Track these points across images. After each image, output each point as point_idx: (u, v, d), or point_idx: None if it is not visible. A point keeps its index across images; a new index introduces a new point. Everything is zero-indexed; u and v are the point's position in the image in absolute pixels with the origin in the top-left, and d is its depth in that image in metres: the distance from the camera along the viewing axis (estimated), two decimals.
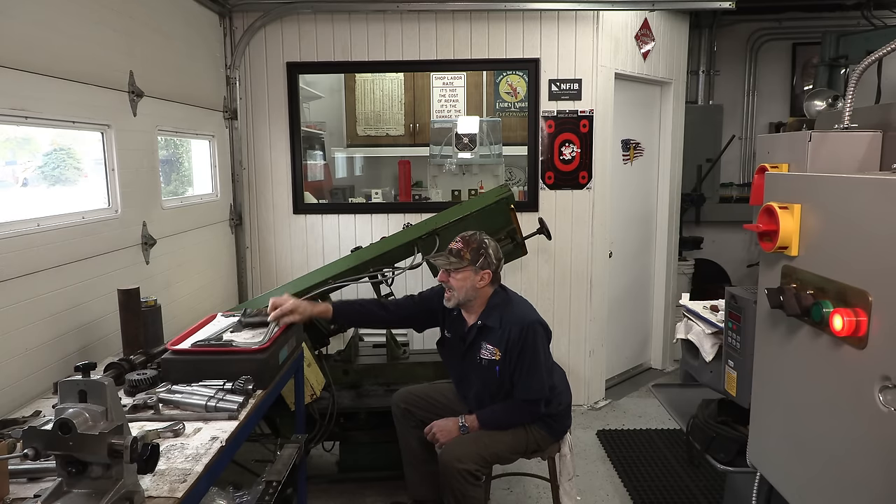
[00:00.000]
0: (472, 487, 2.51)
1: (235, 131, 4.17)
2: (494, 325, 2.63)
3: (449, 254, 2.62)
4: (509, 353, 2.59)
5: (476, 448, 2.56)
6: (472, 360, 2.69)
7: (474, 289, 2.62)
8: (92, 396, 1.38)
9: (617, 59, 4.31)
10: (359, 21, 4.13)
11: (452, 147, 4.91)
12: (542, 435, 2.69)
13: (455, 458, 2.51)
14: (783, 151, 2.00)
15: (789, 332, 1.69)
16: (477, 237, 2.65)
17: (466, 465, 2.49)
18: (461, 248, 2.61)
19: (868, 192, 1.41)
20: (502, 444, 2.62)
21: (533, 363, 2.58)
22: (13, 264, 2.14)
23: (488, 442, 2.60)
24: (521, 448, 2.67)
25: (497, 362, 2.61)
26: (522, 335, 2.57)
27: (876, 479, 1.38)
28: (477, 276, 2.60)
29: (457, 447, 2.56)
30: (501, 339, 2.61)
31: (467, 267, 2.59)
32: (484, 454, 2.56)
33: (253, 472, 3.06)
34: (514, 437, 2.64)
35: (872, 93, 4.98)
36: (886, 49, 1.75)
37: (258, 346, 2.24)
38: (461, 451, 2.54)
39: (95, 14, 2.65)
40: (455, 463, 2.49)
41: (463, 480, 2.48)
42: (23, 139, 2.51)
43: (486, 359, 2.64)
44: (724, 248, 6.15)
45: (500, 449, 2.62)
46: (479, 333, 2.66)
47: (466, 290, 2.61)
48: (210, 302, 3.81)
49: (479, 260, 2.59)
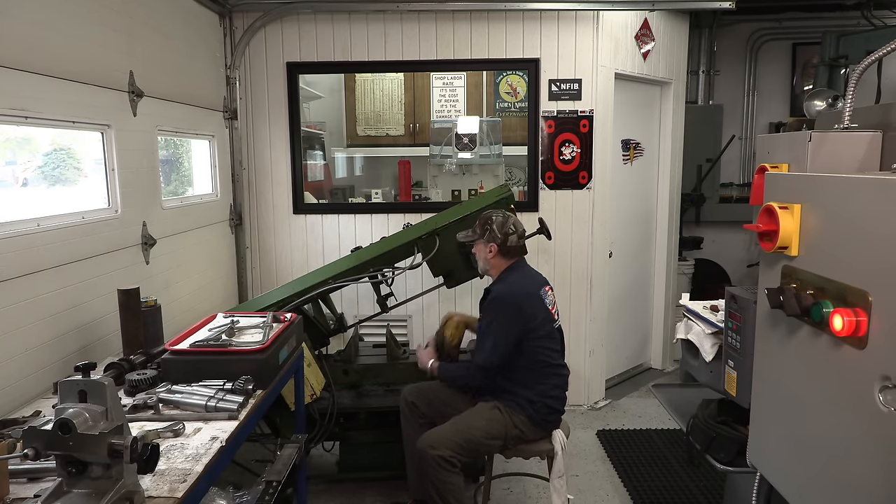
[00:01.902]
0: (449, 474, 2.53)
1: (235, 131, 4.17)
2: (490, 291, 2.85)
3: (468, 230, 2.94)
4: (482, 316, 2.82)
5: (450, 434, 2.60)
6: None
7: (486, 260, 2.86)
8: (92, 396, 1.38)
9: (617, 59, 4.31)
10: (359, 21, 4.13)
11: (452, 147, 4.91)
12: (522, 420, 2.69)
13: (429, 444, 2.56)
14: (783, 151, 2.00)
15: (789, 332, 1.69)
16: (490, 213, 2.88)
17: (440, 452, 2.53)
18: (476, 224, 2.89)
19: (868, 192, 1.41)
20: (477, 428, 2.65)
21: (486, 330, 2.74)
22: (13, 264, 2.14)
23: (463, 427, 2.63)
24: (498, 433, 2.67)
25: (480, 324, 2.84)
26: (490, 302, 2.78)
27: (876, 479, 1.38)
28: (486, 248, 2.84)
29: (432, 435, 2.61)
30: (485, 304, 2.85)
31: (478, 240, 2.85)
32: (458, 440, 2.59)
33: (253, 472, 3.06)
34: (489, 422, 2.67)
35: (872, 93, 4.98)
36: (886, 49, 1.75)
37: (258, 346, 2.24)
38: (435, 437, 2.59)
39: (95, 14, 2.65)
40: (429, 450, 2.54)
41: (438, 467, 2.52)
42: (23, 139, 2.51)
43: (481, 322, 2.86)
44: (724, 248, 6.15)
45: (476, 434, 2.64)
46: (483, 299, 2.88)
47: (483, 260, 2.88)
48: (210, 302, 3.81)
49: (485, 233, 2.83)
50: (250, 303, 3.32)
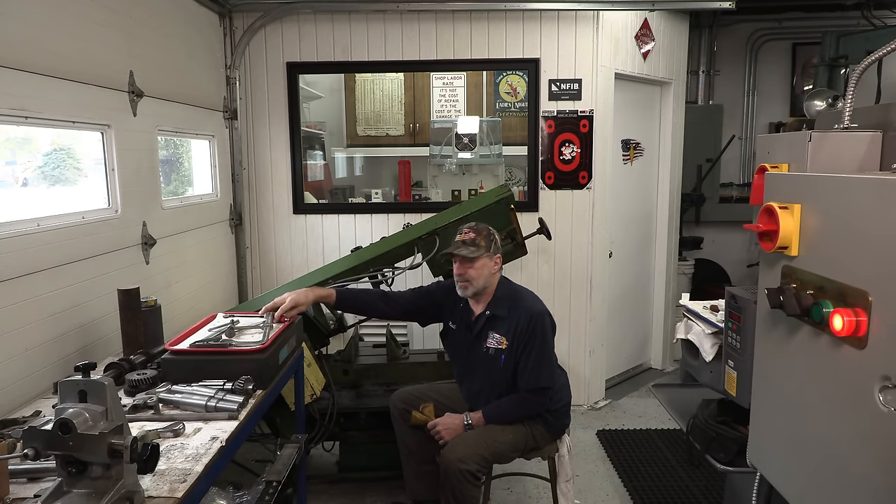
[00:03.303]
0: (472, 488, 2.51)
1: (235, 131, 4.17)
2: (503, 314, 2.67)
3: (464, 244, 2.65)
4: (516, 341, 2.63)
5: (478, 448, 2.56)
6: (478, 351, 2.73)
7: (490, 275, 2.68)
8: (92, 396, 1.38)
9: (617, 59, 4.31)
10: (359, 21, 4.13)
11: (452, 147, 4.91)
12: (541, 432, 2.70)
13: (457, 458, 2.51)
14: (783, 151, 1.99)
15: (789, 332, 1.69)
16: (482, 225, 2.73)
17: (468, 466, 2.49)
18: (474, 237, 2.66)
19: (868, 192, 1.41)
20: (504, 442, 2.62)
21: (541, 352, 2.62)
22: (13, 264, 2.14)
23: (490, 441, 2.60)
24: (521, 446, 2.68)
25: (503, 351, 2.65)
26: (531, 324, 2.62)
27: (876, 479, 1.38)
28: (491, 262, 2.67)
29: (459, 447, 2.56)
30: (509, 328, 2.65)
31: (483, 254, 2.64)
32: (485, 454, 2.56)
33: (253, 472, 3.06)
34: (515, 436, 2.65)
35: (872, 93, 4.98)
36: (886, 49, 1.75)
37: (258, 346, 2.24)
38: (463, 451, 2.53)
39: (95, 14, 2.65)
40: (457, 463, 2.49)
41: (464, 480, 2.48)
42: (23, 139, 2.51)
43: (492, 348, 2.68)
44: (724, 248, 6.15)
45: (502, 448, 2.62)
46: (487, 323, 2.71)
47: (484, 277, 2.66)
48: (210, 302, 3.81)
49: (491, 246, 2.67)
50: (250, 303, 3.32)
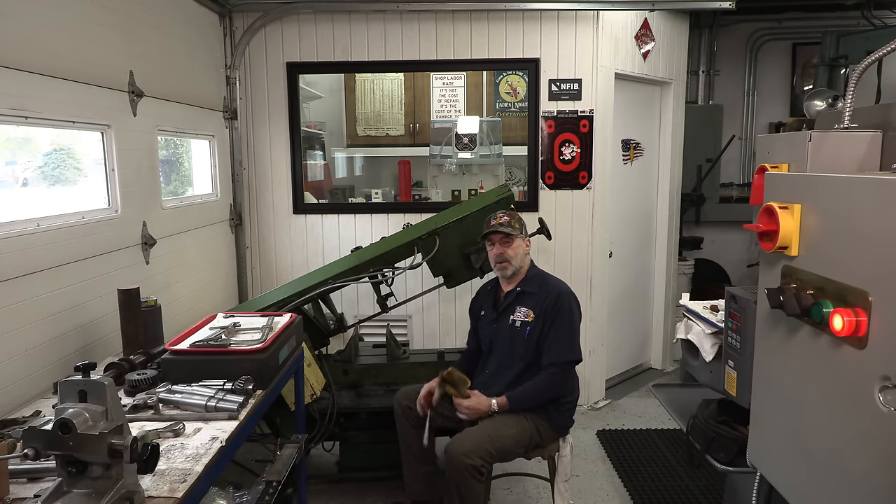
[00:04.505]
0: (477, 483, 2.52)
1: (235, 131, 4.17)
2: (533, 290, 2.83)
3: (501, 225, 2.82)
4: (543, 315, 2.76)
5: (482, 443, 2.57)
6: (503, 325, 2.85)
7: (524, 255, 2.88)
8: (92, 396, 1.38)
9: (617, 59, 4.31)
10: (359, 21, 4.13)
11: (452, 147, 4.91)
12: (545, 427, 2.72)
13: (462, 453, 2.52)
14: (783, 151, 1.99)
15: (789, 332, 1.69)
16: (513, 211, 2.91)
17: (473, 461, 2.50)
18: (509, 220, 2.83)
19: (868, 192, 1.41)
20: (509, 437, 2.63)
21: (570, 326, 2.76)
22: (13, 264, 2.14)
23: (494, 436, 2.61)
24: (525, 441, 2.68)
25: (529, 323, 2.78)
26: (559, 301, 2.77)
27: (876, 479, 1.38)
28: (524, 243, 2.88)
29: (464, 442, 2.57)
30: (537, 302, 2.79)
31: (519, 235, 2.84)
32: (490, 448, 2.57)
33: (253, 472, 3.06)
34: (519, 430, 2.67)
35: (872, 93, 4.98)
36: (886, 49, 1.75)
37: (258, 346, 2.24)
38: (468, 446, 2.55)
39: (95, 14, 2.65)
40: (462, 458, 2.50)
41: (469, 475, 2.50)
42: (23, 139, 2.51)
43: (518, 320, 2.80)
44: (724, 248, 6.15)
45: (506, 443, 2.63)
46: (516, 298, 2.85)
47: (521, 256, 2.85)
48: (210, 302, 3.81)
49: (522, 229, 2.88)
50: (250, 303, 3.32)
